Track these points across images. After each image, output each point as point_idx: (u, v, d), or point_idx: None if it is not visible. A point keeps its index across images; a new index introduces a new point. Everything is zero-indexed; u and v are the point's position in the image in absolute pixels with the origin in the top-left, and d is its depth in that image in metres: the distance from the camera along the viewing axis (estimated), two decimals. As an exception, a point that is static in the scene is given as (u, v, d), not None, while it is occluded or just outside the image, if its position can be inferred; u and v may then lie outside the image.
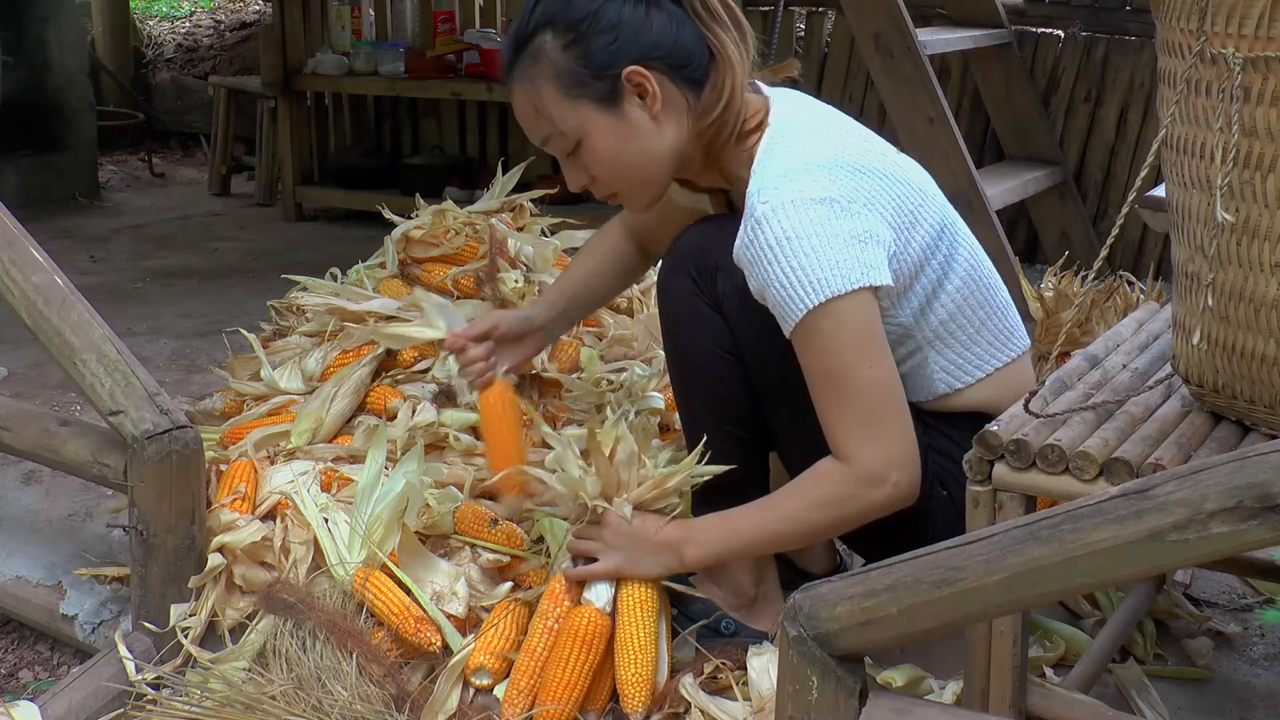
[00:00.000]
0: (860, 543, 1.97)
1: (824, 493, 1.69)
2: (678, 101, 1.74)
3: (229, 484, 2.11)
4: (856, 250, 1.64)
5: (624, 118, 1.73)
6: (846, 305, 1.63)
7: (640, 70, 1.70)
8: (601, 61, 1.70)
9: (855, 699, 1.36)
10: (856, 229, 1.65)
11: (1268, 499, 1.10)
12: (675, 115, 1.74)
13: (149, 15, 8.48)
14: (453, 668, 1.86)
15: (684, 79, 1.73)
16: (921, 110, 3.65)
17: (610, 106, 1.72)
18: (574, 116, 1.73)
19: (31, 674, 2.20)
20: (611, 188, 1.80)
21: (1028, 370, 1.89)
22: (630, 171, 1.77)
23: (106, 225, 5.29)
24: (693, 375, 1.85)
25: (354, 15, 5.43)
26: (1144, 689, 1.86)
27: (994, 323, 1.83)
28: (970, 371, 1.82)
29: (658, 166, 1.77)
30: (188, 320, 3.85)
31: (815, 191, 1.65)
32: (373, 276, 2.67)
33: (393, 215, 2.71)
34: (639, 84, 1.71)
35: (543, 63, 1.72)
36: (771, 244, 1.63)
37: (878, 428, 1.66)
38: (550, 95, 1.73)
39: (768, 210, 1.65)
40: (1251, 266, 1.37)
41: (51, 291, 2.05)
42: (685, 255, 1.85)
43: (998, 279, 1.87)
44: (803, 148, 1.72)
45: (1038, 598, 1.27)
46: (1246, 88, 1.33)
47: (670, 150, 1.76)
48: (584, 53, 1.70)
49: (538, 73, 1.73)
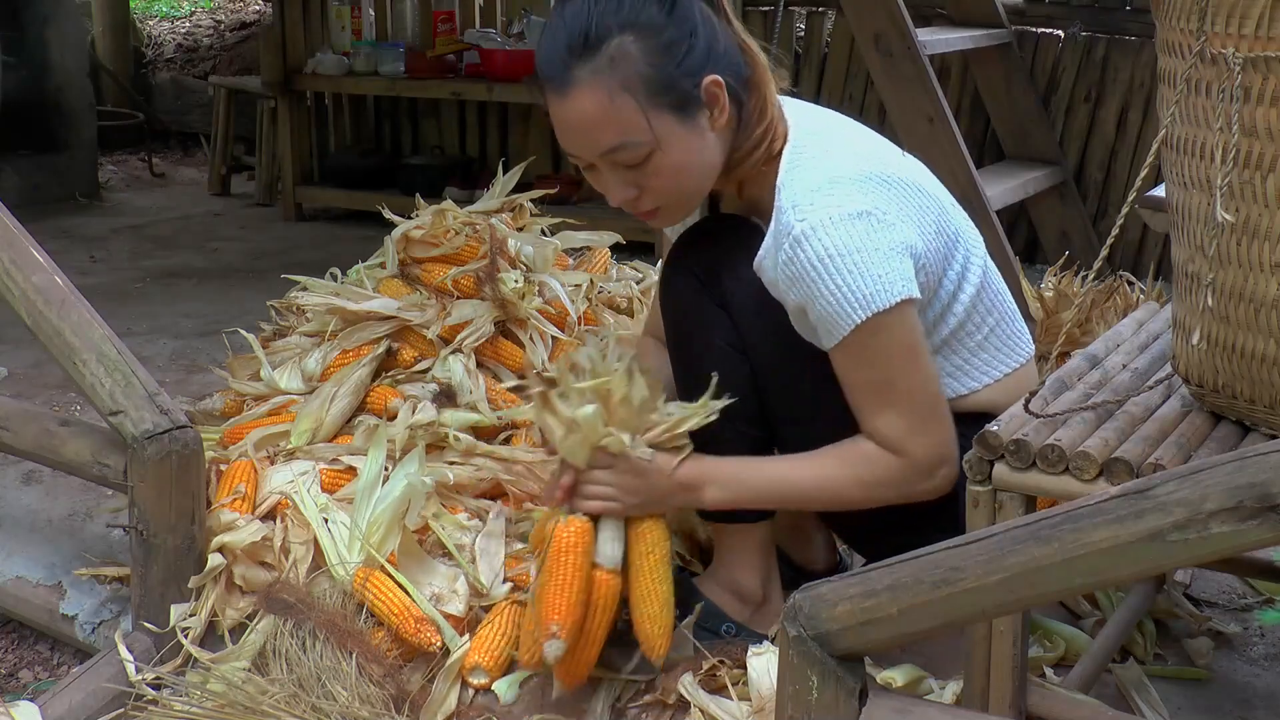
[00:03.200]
0: (861, 542, 1.97)
1: (869, 473, 1.71)
2: (731, 116, 1.70)
3: (229, 484, 2.12)
4: (896, 263, 1.64)
5: (697, 129, 1.67)
6: (892, 319, 1.64)
7: (719, 80, 1.66)
8: (687, 66, 1.64)
9: (855, 699, 1.36)
10: (894, 241, 1.65)
11: (1268, 499, 1.10)
12: (728, 130, 1.71)
13: (149, 15, 8.49)
14: (450, 667, 1.86)
15: (735, 95, 1.69)
16: (921, 110, 3.65)
17: (688, 117, 1.65)
18: (654, 126, 1.63)
19: (31, 674, 2.20)
20: (660, 202, 1.73)
21: (1033, 375, 1.89)
22: (691, 186, 1.72)
23: (106, 225, 5.28)
24: (701, 373, 1.82)
25: (354, 15, 5.42)
26: (1144, 689, 1.86)
27: (1003, 329, 1.84)
28: (977, 377, 1.82)
29: (708, 182, 1.74)
30: (188, 320, 3.85)
31: (851, 206, 1.63)
32: (373, 276, 2.67)
33: (393, 215, 2.71)
34: (714, 94, 1.66)
35: (623, 66, 1.61)
36: (815, 262, 1.63)
37: (929, 424, 1.70)
38: (624, 99, 1.62)
39: (806, 228, 1.63)
40: (1251, 266, 1.37)
41: (51, 291, 2.05)
42: (689, 254, 1.84)
43: (1004, 285, 1.88)
44: (829, 161, 1.70)
45: (1038, 598, 1.27)
46: (1246, 88, 1.33)
47: (718, 166, 1.72)
48: (673, 56, 1.63)
49: (616, 78, 1.62)
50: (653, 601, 1.76)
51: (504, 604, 1.95)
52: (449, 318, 2.47)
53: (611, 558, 1.77)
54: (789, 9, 4.76)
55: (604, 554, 1.77)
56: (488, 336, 2.47)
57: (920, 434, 1.69)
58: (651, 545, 1.79)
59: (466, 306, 2.48)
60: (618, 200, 1.72)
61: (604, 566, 1.76)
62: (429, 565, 1.99)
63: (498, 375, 2.49)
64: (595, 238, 2.90)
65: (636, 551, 1.78)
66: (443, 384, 2.40)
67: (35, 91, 5.51)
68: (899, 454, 1.69)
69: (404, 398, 2.36)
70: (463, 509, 2.14)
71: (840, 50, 4.73)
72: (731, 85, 1.68)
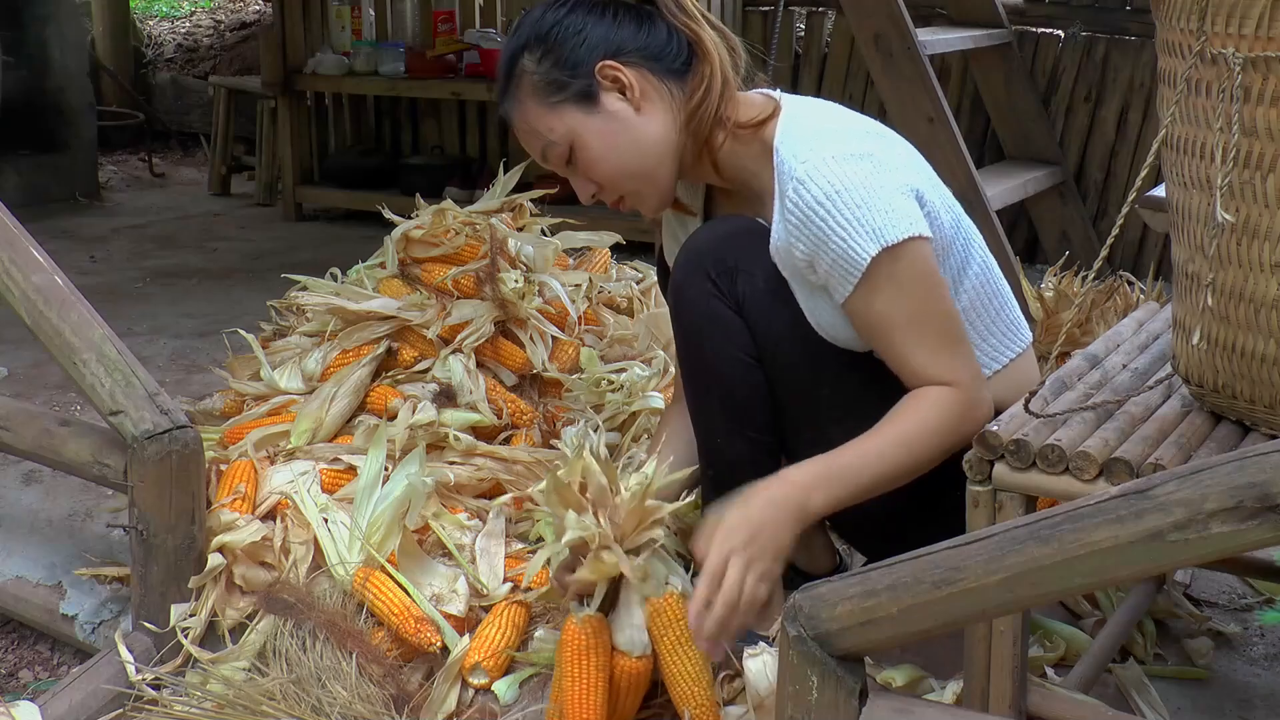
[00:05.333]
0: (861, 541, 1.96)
1: (941, 415, 1.66)
2: (661, 91, 1.76)
3: (229, 484, 2.11)
4: (903, 201, 1.66)
5: (607, 113, 1.75)
6: (906, 252, 1.64)
7: (611, 64, 1.74)
8: (573, 62, 1.74)
9: (855, 699, 1.36)
10: (899, 182, 1.67)
11: (1268, 499, 1.10)
12: (661, 105, 1.76)
13: (149, 15, 8.48)
14: (450, 667, 1.86)
15: (665, 70, 1.76)
16: (921, 110, 3.65)
17: (590, 105, 1.75)
18: (559, 123, 1.75)
19: (31, 674, 2.20)
20: (617, 189, 1.80)
21: (1033, 365, 1.90)
22: (627, 166, 1.77)
23: (106, 225, 5.29)
24: (712, 380, 1.80)
25: (354, 15, 5.43)
26: (1144, 689, 1.86)
27: (1006, 314, 1.85)
28: (990, 362, 1.82)
29: (654, 157, 1.77)
30: (188, 320, 3.85)
31: (852, 148, 1.68)
32: (373, 276, 2.67)
33: (393, 215, 2.71)
34: (614, 77, 1.74)
35: (524, 80, 1.77)
36: (821, 199, 1.64)
37: (964, 349, 1.70)
38: (534, 108, 1.77)
39: (809, 168, 1.65)
40: (1251, 266, 1.37)
41: (51, 291, 2.05)
42: (701, 256, 1.80)
43: (1000, 272, 1.89)
44: (828, 119, 1.77)
45: (1038, 598, 1.27)
46: (1246, 88, 1.33)
47: (662, 139, 1.76)
48: (556, 59, 1.75)
49: (521, 92, 1.77)
50: (681, 681, 1.73)
51: (504, 604, 1.95)
52: (449, 318, 2.47)
53: (634, 642, 1.73)
54: (789, 9, 4.77)
55: (626, 641, 1.73)
56: (488, 336, 2.46)
57: (962, 361, 1.68)
58: (670, 621, 1.74)
59: (466, 306, 2.48)
60: (584, 197, 1.82)
61: (630, 654, 1.73)
62: (429, 565, 1.99)
63: (498, 375, 2.49)
64: (595, 238, 2.90)
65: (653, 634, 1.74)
66: (443, 384, 2.40)
67: (35, 91, 5.51)
68: (951, 384, 1.67)
69: (404, 398, 2.36)
70: (463, 509, 2.14)
71: (840, 50, 4.73)
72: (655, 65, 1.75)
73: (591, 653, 1.71)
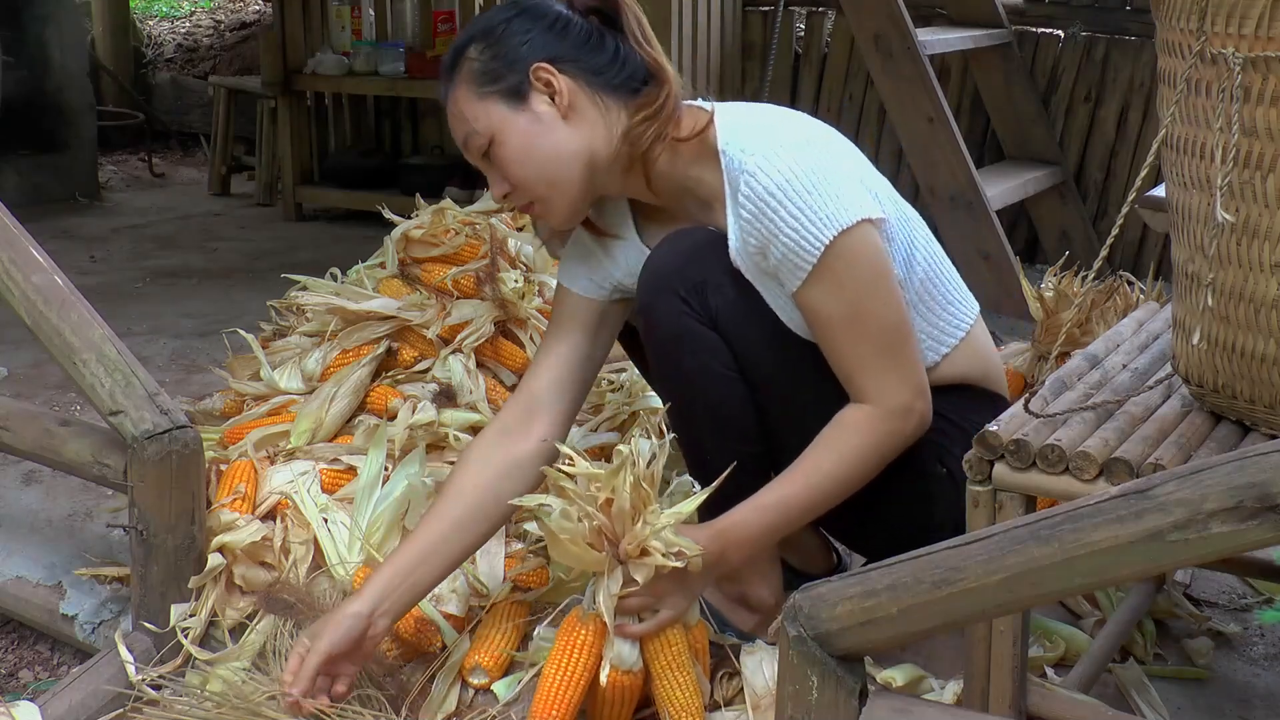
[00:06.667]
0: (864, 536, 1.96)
1: (861, 440, 1.70)
2: (596, 104, 1.75)
3: (229, 484, 2.11)
4: (852, 185, 1.68)
5: (532, 114, 1.74)
6: (856, 238, 1.65)
7: (546, 67, 1.73)
8: (511, 58, 1.75)
9: (855, 699, 1.36)
10: (846, 169, 1.70)
11: (1268, 499, 1.10)
12: (589, 119, 1.75)
13: (149, 15, 8.48)
14: (450, 667, 1.86)
15: (605, 85, 1.75)
16: (921, 110, 3.65)
17: (518, 102, 1.74)
18: (485, 114, 1.75)
19: (31, 674, 2.20)
20: (528, 193, 1.77)
21: (986, 334, 1.93)
22: (542, 170, 1.75)
23: (106, 225, 5.29)
24: (695, 398, 1.79)
25: (354, 15, 5.43)
26: (1144, 689, 1.86)
27: (954, 282, 1.88)
28: (950, 334, 1.84)
29: (570, 168, 1.75)
30: (188, 320, 3.85)
31: (799, 136, 1.71)
32: (373, 276, 2.67)
33: (393, 215, 2.71)
34: (546, 80, 1.74)
35: (464, 66, 1.77)
36: (773, 189, 1.65)
37: (898, 359, 1.70)
38: (465, 94, 1.77)
39: (759, 160, 1.67)
40: (1251, 266, 1.37)
41: (51, 291, 2.05)
42: (667, 275, 1.77)
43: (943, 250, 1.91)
44: (766, 114, 1.79)
45: (1038, 598, 1.27)
46: (1246, 88, 1.33)
47: (583, 151, 1.74)
48: (496, 52, 1.75)
49: (459, 76, 1.78)
50: (671, 705, 1.72)
51: (504, 604, 1.95)
52: (449, 318, 2.47)
53: (623, 657, 1.72)
54: (789, 9, 4.77)
55: (619, 655, 1.72)
56: (488, 336, 2.47)
57: (891, 372, 1.69)
58: (666, 642, 1.73)
59: (466, 306, 2.48)
60: (496, 195, 1.81)
61: (620, 668, 1.72)
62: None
63: (498, 375, 2.49)
64: (595, 238, 2.90)
65: (648, 653, 1.74)
66: (443, 384, 2.40)
67: (35, 91, 5.51)
68: (873, 400, 1.69)
69: (404, 398, 2.36)
70: (463, 509, 2.13)
71: (840, 50, 4.73)
72: (594, 79, 1.75)
73: (583, 651, 1.71)
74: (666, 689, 1.73)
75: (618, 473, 1.65)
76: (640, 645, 1.73)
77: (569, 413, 1.90)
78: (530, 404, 1.87)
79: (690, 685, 1.73)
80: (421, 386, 2.40)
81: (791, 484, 1.73)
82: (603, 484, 1.66)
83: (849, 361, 1.70)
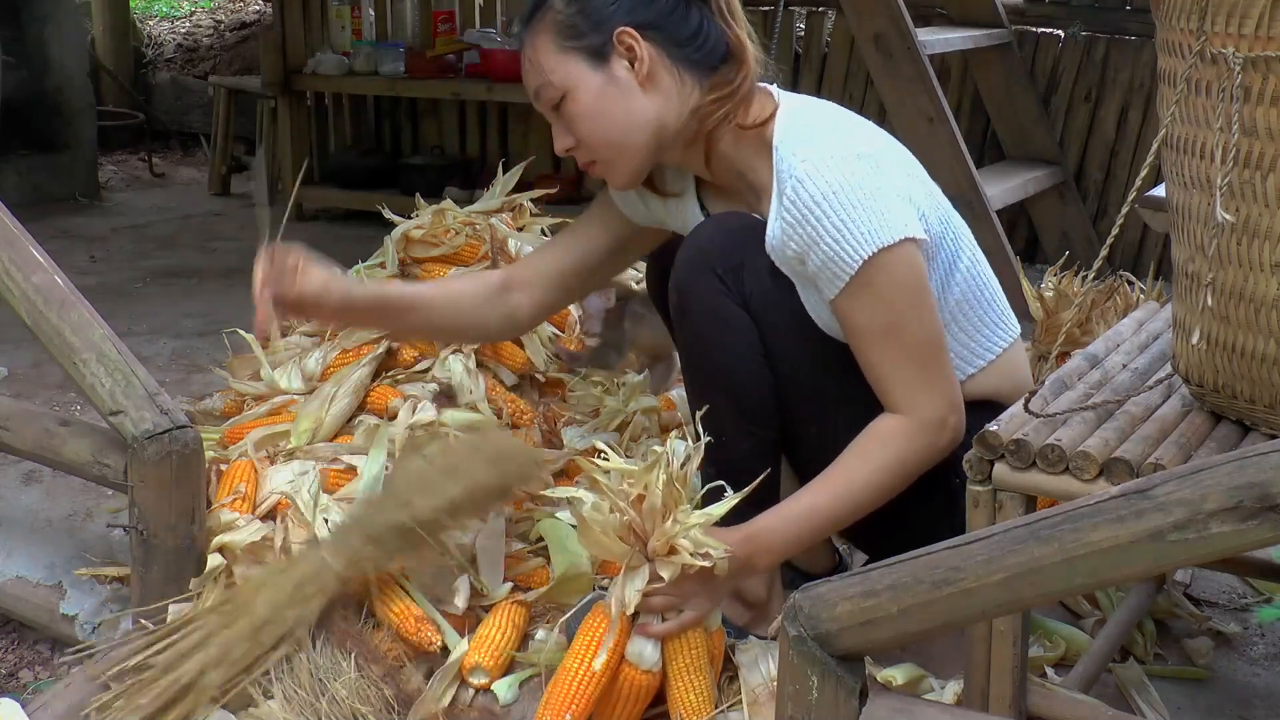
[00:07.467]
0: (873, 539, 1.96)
1: (895, 451, 1.70)
2: (673, 76, 1.77)
3: (229, 484, 2.11)
4: (898, 204, 1.68)
5: (610, 77, 1.76)
6: (896, 256, 1.66)
7: (631, 32, 1.75)
8: (597, 17, 1.75)
9: (855, 699, 1.36)
10: (896, 185, 1.70)
11: (1268, 499, 1.10)
12: (664, 89, 1.77)
13: (149, 15, 8.47)
14: (450, 667, 1.86)
15: (684, 59, 1.77)
16: (921, 110, 3.65)
17: (599, 62, 1.76)
18: (563, 67, 1.77)
19: (31, 674, 2.20)
20: (592, 151, 1.81)
21: (1023, 356, 1.92)
22: (610, 133, 1.78)
23: (106, 225, 5.28)
24: (720, 378, 1.79)
25: (354, 15, 5.42)
26: (1144, 689, 1.86)
27: (996, 308, 1.86)
28: (982, 355, 1.84)
29: (638, 133, 1.78)
30: (188, 320, 3.85)
31: (854, 148, 1.70)
32: (373, 276, 2.67)
33: (393, 215, 2.71)
34: (629, 45, 1.75)
35: (547, 16, 1.78)
36: (819, 198, 1.65)
37: (932, 373, 1.71)
38: (544, 45, 1.77)
39: (809, 167, 1.67)
40: (1251, 266, 1.37)
41: (51, 291, 2.05)
42: (707, 252, 1.79)
43: (990, 268, 1.90)
44: (827, 119, 1.79)
45: (1038, 598, 1.27)
46: (1246, 88, 1.33)
47: (654, 121, 1.77)
48: (583, 8, 1.76)
49: (541, 25, 1.78)
50: (683, 706, 1.72)
51: (504, 604, 1.95)
52: (449, 318, 2.46)
53: (647, 658, 1.71)
54: (789, 9, 4.77)
55: (639, 654, 1.71)
56: (488, 336, 2.46)
57: (926, 386, 1.70)
58: (686, 644, 1.73)
59: (466, 306, 2.48)
60: (560, 148, 1.83)
61: (639, 666, 1.71)
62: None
63: (498, 375, 2.49)
64: (595, 238, 2.89)
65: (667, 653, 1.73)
66: (443, 384, 2.40)
67: (35, 91, 5.51)
68: (908, 412, 1.70)
69: (404, 398, 2.36)
70: (463, 509, 2.13)
71: (840, 50, 4.73)
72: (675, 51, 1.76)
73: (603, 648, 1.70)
74: (681, 690, 1.72)
75: (651, 470, 1.66)
76: (662, 646, 1.72)
77: (544, 306, 2.02)
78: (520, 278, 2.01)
79: (705, 690, 1.73)
80: (422, 386, 2.40)
81: (822, 493, 1.73)
82: (636, 480, 1.67)
83: (883, 372, 1.71)
